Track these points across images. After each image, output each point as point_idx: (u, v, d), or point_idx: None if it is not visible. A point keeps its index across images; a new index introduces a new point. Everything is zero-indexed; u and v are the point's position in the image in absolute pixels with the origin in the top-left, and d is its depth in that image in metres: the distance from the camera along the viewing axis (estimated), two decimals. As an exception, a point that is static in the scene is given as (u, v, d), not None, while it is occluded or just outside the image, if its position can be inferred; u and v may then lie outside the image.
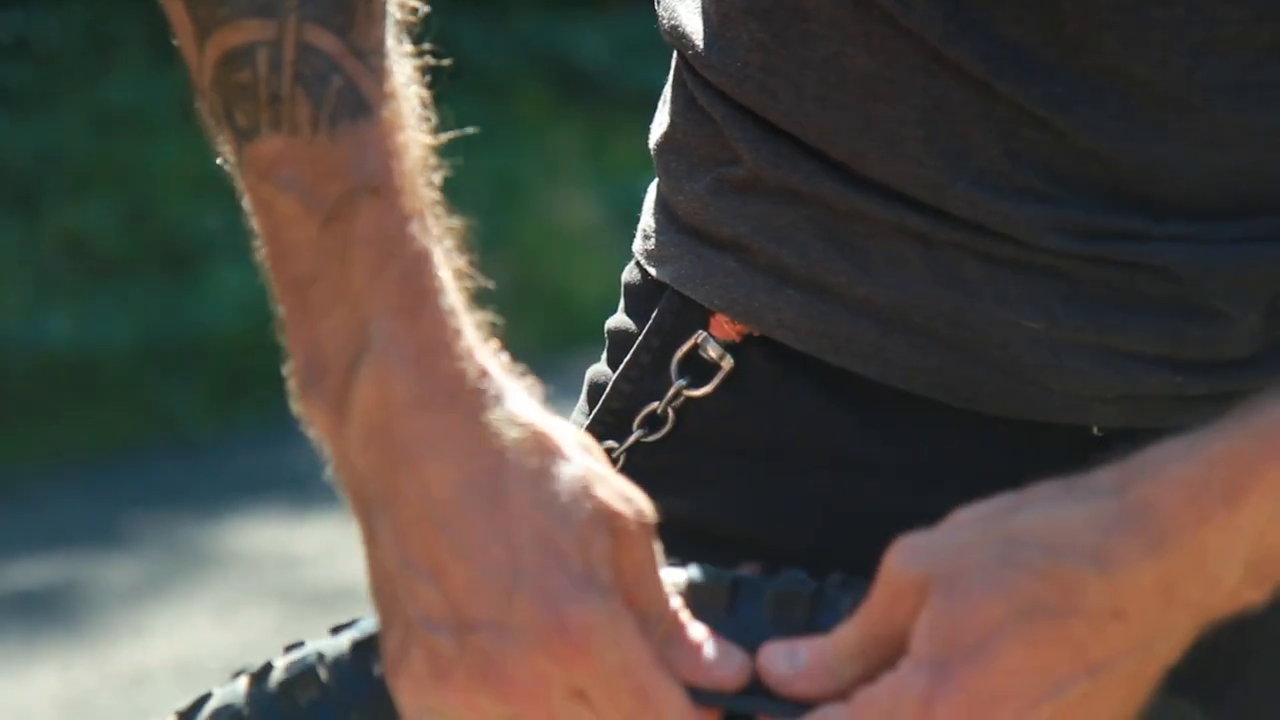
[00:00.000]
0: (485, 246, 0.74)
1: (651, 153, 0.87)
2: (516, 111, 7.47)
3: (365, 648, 0.73)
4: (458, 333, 0.69)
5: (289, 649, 0.75)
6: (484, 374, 0.69)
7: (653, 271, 0.86)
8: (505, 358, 0.71)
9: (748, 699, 0.70)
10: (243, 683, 0.74)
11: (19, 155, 6.64)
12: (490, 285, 0.74)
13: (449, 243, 0.71)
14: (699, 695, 0.69)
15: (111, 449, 5.13)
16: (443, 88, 0.75)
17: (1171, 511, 0.61)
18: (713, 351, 0.81)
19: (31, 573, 4.33)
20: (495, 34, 8.13)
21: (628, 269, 0.89)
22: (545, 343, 4.55)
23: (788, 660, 0.69)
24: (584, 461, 0.69)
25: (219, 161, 0.73)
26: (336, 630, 0.75)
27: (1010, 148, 0.77)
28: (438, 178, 0.72)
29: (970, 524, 0.63)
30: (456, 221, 0.72)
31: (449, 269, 0.70)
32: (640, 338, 0.86)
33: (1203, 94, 0.75)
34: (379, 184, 0.68)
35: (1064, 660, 0.60)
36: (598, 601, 0.66)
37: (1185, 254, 0.76)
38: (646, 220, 0.87)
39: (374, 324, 0.67)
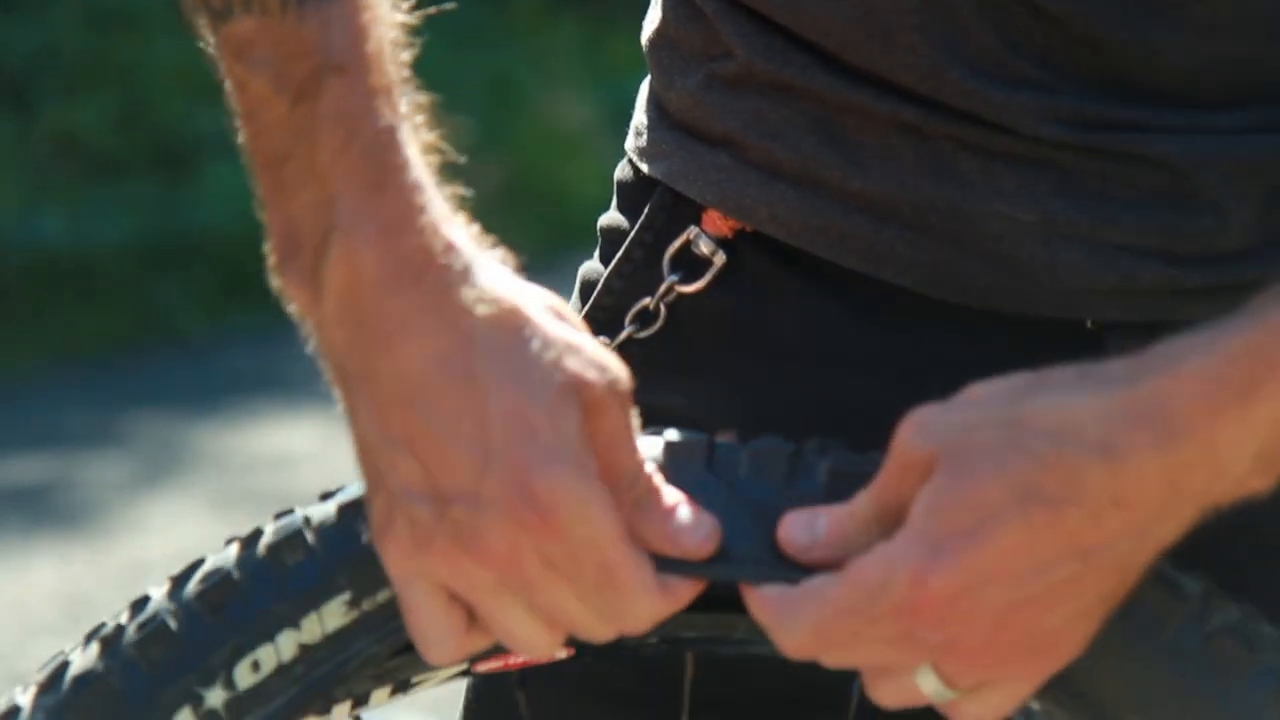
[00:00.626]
0: (480, 146, 0.84)
1: (644, 49, 0.86)
2: (512, 11, 7.56)
3: (351, 512, 0.74)
4: (422, 208, 0.69)
5: (278, 516, 0.75)
6: (451, 248, 0.69)
7: (645, 168, 0.85)
8: (475, 229, 0.71)
9: (715, 568, 0.70)
10: (234, 548, 0.75)
11: (13, 53, 6.64)
12: (485, 185, 0.72)
13: (418, 118, 0.70)
14: (666, 566, 0.69)
15: (107, 348, 5.22)
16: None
17: (1184, 405, 0.60)
18: (705, 247, 0.81)
19: (29, 470, 4.39)
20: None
21: (620, 166, 0.88)
22: (540, 242, 4.53)
23: (807, 530, 0.69)
24: (556, 333, 0.69)
25: (205, 49, 0.70)
26: (325, 497, 0.75)
27: (1006, 35, 0.76)
28: (408, 55, 0.71)
29: (982, 403, 0.63)
30: (449, 118, 0.71)
31: (416, 144, 0.70)
32: (632, 234, 0.85)
33: None
34: (344, 62, 0.68)
35: (1057, 545, 0.60)
36: (566, 475, 0.67)
37: (1181, 145, 0.76)
38: (639, 117, 0.87)
39: (340, 201, 0.68)
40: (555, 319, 0.70)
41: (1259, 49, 0.77)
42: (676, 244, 0.81)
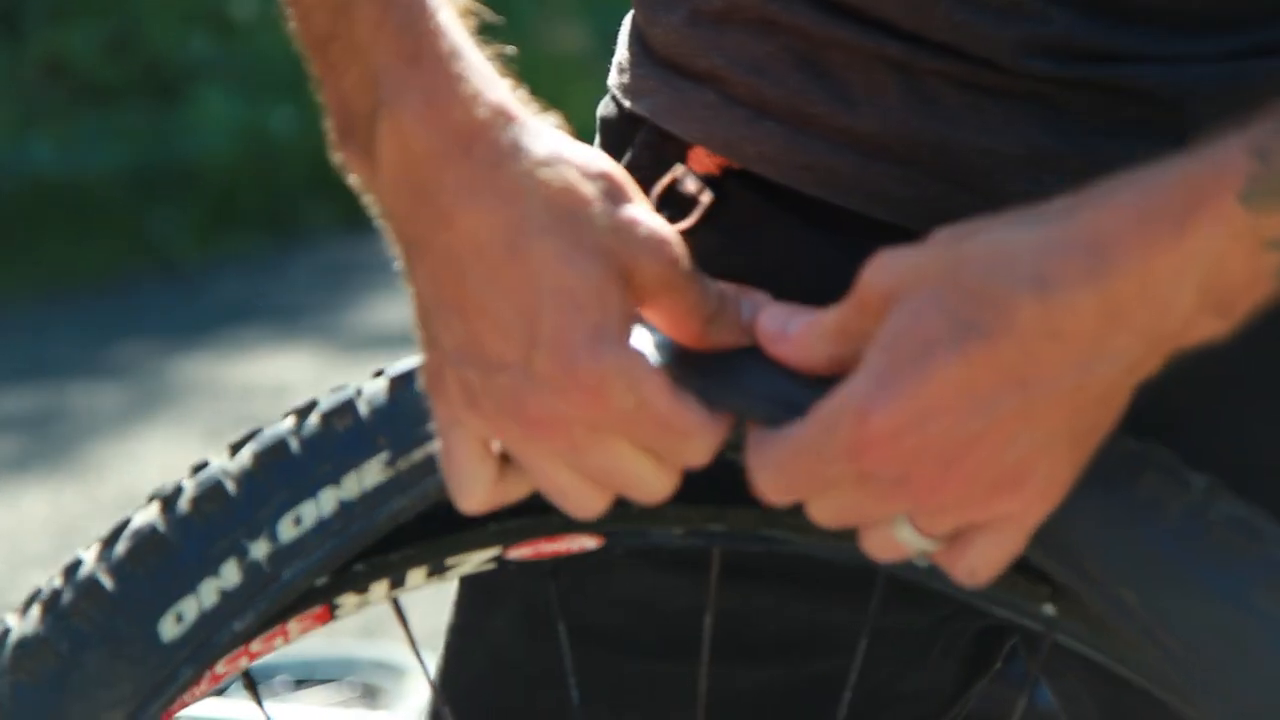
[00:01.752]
0: None
1: None
2: None
3: (398, 383, 0.78)
4: (462, 76, 0.70)
5: (334, 390, 0.80)
6: (498, 115, 0.70)
7: (629, 105, 0.86)
8: (520, 91, 0.72)
9: (756, 406, 0.73)
10: (290, 419, 0.79)
11: None
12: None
13: None
14: (713, 407, 0.72)
15: (98, 276, 5.20)
16: None
17: (1118, 236, 0.63)
18: (692, 185, 0.81)
19: (21, 400, 4.38)
20: None
21: (603, 103, 0.89)
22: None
23: (781, 322, 0.72)
24: (607, 210, 0.71)
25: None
26: (378, 374, 0.80)
27: None
28: None
29: (934, 244, 0.65)
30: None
31: (450, 11, 0.72)
32: (631, 159, 0.87)
33: None
34: None
35: (994, 378, 0.61)
36: (611, 353, 0.68)
37: (1169, 74, 0.76)
38: (621, 53, 0.88)
39: (382, 75, 0.70)
40: (608, 192, 0.71)
41: None
42: (664, 182, 0.81)
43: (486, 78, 0.71)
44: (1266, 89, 0.73)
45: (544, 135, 0.71)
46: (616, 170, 0.73)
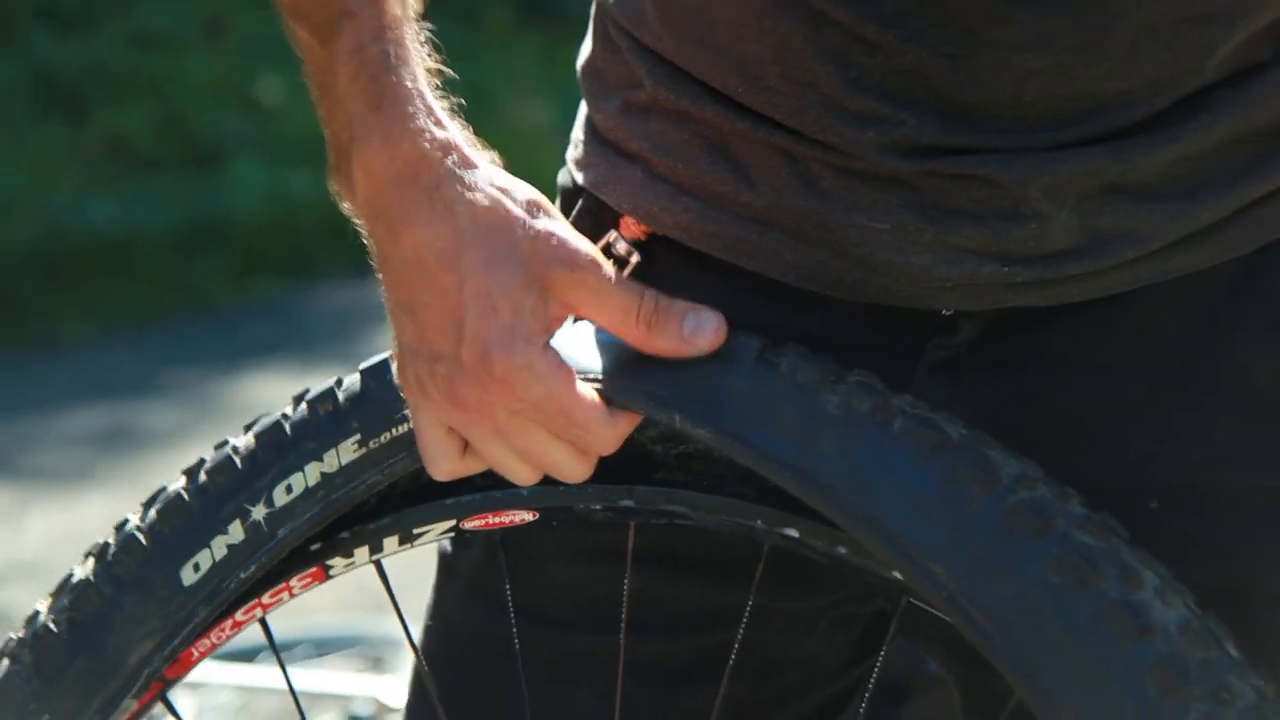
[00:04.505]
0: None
1: (578, 76, 0.88)
2: (485, 31, 7.48)
3: (369, 375, 0.78)
4: (412, 119, 0.71)
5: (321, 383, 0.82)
6: (444, 149, 0.71)
7: (577, 176, 0.86)
8: (470, 133, 0.74)
9: (666, 406, 0.72)
10: (287, 405, 0.81)
11: (68, 68, 6.57)
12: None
13: (420, 48, 0.74)
14: (613, 404, 0.72)
15: (150, 316, 5.12)
16: (425, 11, 0.77)
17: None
18: (622, 247, 0.81)
19: (85, 419, 4.33)
20: None
21: (561, 171, 0.89)
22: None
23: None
24: (530, 227, 0.71)
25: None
26: (373, 369, 0.81)
27: (848, 75, 0.76)
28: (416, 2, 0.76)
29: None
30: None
31: (414, 67, 0.73)
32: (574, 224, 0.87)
33: (1007, 2, 0.73)
34: (354, 8, 0.72)
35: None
36: (520, 350, 0.69)
37: (1005, 165, 0.75)
38: (576, 132, 0.88)
39: (354, 118, 0.72)
40: (532, 213, 0.72)
41: (1064, 66, 0.76)
42: (600, 244, 0.80)
43: (436, 120, 0.72)
44: (1091, 170, 0.76)
45: (480, 166, 0.72)
46: (540, 196, 0.74)
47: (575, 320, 0.76)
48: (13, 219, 5.46)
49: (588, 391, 0.73)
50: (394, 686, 2.13)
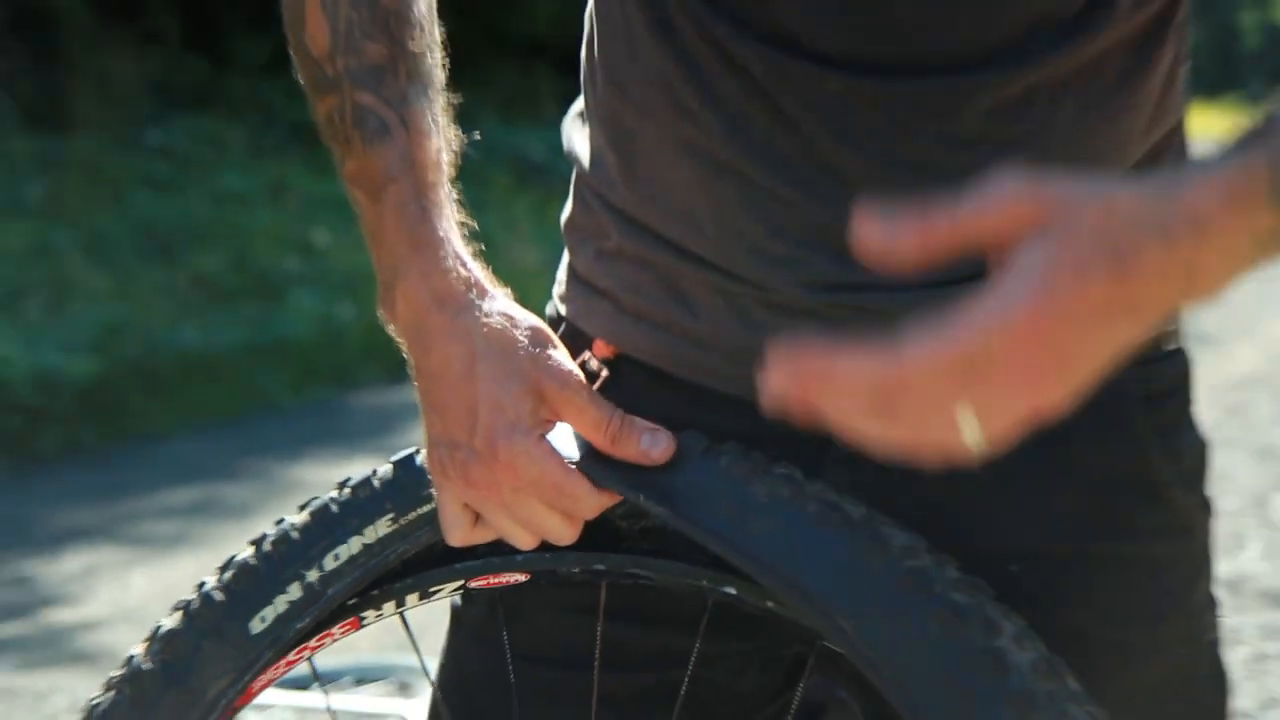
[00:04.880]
0: None
1: (561, 229, 0.86)
2: (491, 190, 7.51)
3: (399, 465, 0.77)
4: (444, 259, 0.70)
5: (361, 471, 0.80)
6: (465, 284, 0.70)
7: (561, 308, 0.84)
8: (487, 272, 0.72)
9: (619, 486, 0.71)
10: (334, 490, 0.78)
11: (164, 221, 6.65)
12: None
13: (451, 203, 0.73)
14: (599, 483, 0.70)
15: (227, 415, 5.23)
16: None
17: (1210, 213, 0.47)
18: (594, 364, 0.80)
19: (177, 498, 4.31)
20: (482, 137, 8.04)
21: (549, 303, 0.87)
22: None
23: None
24: (531, 349, 0.70)
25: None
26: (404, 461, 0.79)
27: (770, 227, 0.75)
28: (451, 159, 0.73)
29: (1078, 190, 0.49)
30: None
31: (446, 218, 0.72)
32: None
33: (882, 177, 0.73)
34: (397, 174, 0.70)
35: (1123, 301, 0.48)
36: (520, 440, 0.68)
37: (886, 299, 0.74)
38: (560, 273, 0.86)
39: (399, 258, 0.70)
40: (533, 338, 0.71)
41: None
42: (577, 361, 0.79)
43: (461, 261, 0.71)
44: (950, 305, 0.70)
45: (495, 298, 0.71)
46: (541, 324, 0.72)
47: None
48: (120, 341, 5.49)
49: (578, 473, 0.71)
50: (418, 708, 2.08)
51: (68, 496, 4.15)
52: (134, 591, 3.34)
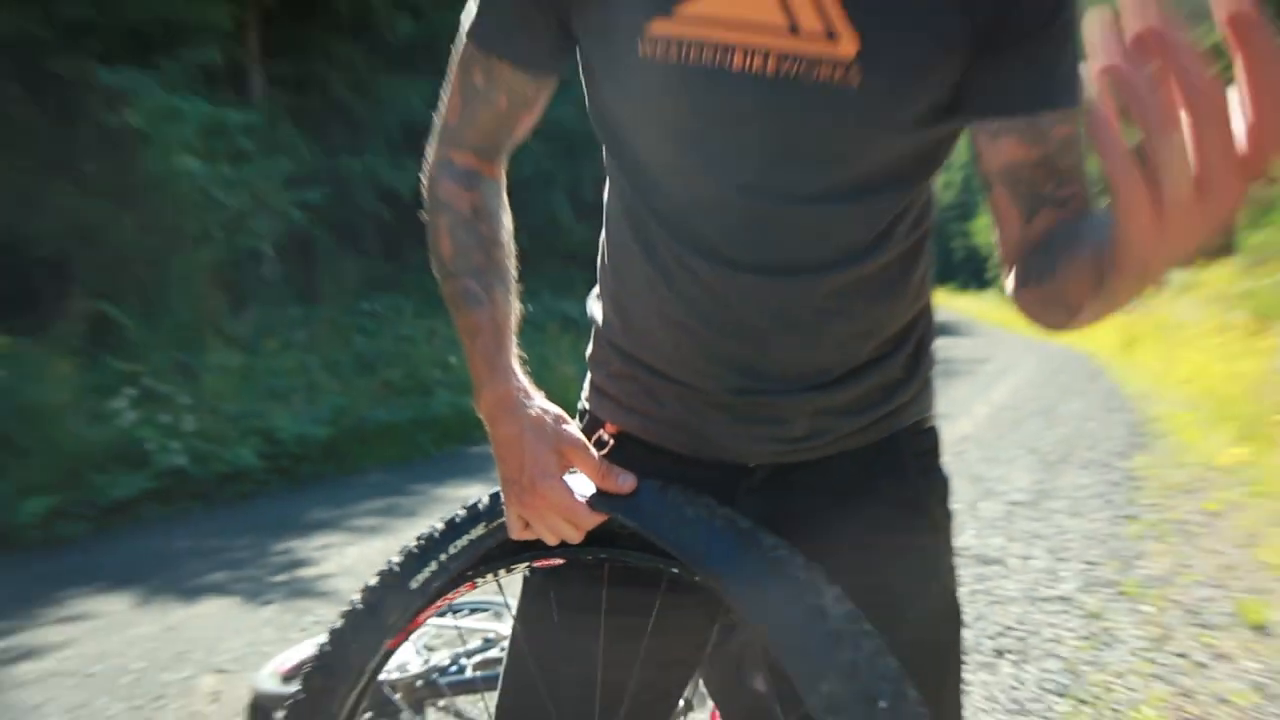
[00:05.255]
0: (537, 384, 0.78)
1: (586, 359, 0.86)
2: (544, 333, 7.89)
3: (491, 497, 0.80)
4: (508, 379, 0.73)
5: (469, 500, 0.80)
6: (520, 391, 0.73)
7: (585, 405, 0.86)
8: (531, 383, 0.73)
9: (607, 509, 0.73)
10: (459, 509, 0.81)
11: (368, 351, 6.77)
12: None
13: (514, 344, 0.74)
14: (594, 507, 0.73)
15: (401, 460, 5.63)
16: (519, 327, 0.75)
17: None
18: (605, 438, 0.81)
19: (374, 505, 4.44)
20: (541, 305, 8.52)
21: (580, 401, 0.88)
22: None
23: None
24: (557, 428, 0.73)
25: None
26: (495, 494, 0.79)
27: (706, 357, 0.77)
28: (518, 320, 0.75)
29: None
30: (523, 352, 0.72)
31: (508, 354, 0.74)
32: (584, 428, 0.86)
33: (771, 329, 0.74)
34: (484, 327, 0.74)
35: None
36: (548, 481, 0.72)
37: (777, 397, 0.77)
38: (585, 386, 0.87)
39: (479, 375, 0.74)
40: (557, 420, 0.74)
41: (804, 356, 0.77)
42: (593, 438, 0.81)
43: (517, 378, 0.74)
44: (815, 401, 0.78)
45: (535, 398, 0.74)
46: (562, 413, 0.74)
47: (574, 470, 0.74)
48: (344, 417, 5.65)
49: (581, 501, 0.72)
50: (506, 627, 2.07)
51: (316, 504, 4.55)
52: (349, 560, 3.50)
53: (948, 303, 27.86)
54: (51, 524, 4.09)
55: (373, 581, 0.85)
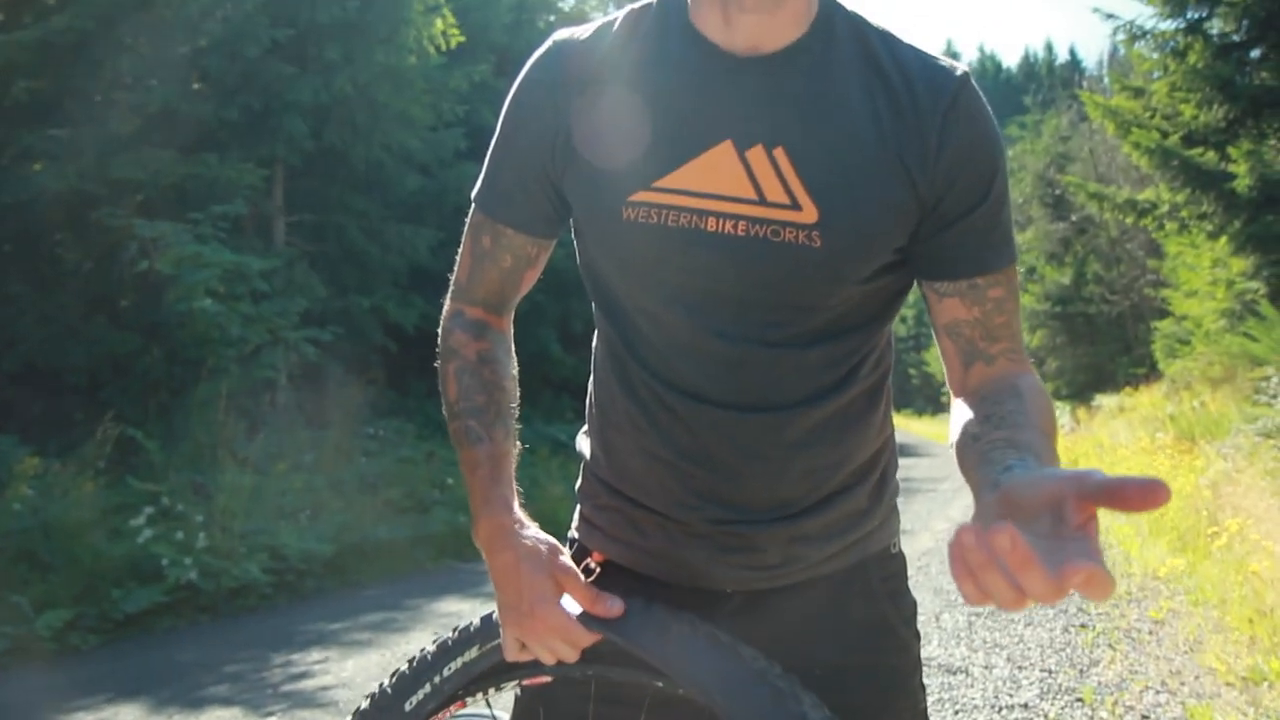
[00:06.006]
0: (529, 502, 0.79)
1: (575, 491, 0.87)
2: (537, 456, 8.01)
3: (484, 620, 0.79)
4: (503, 510, 0.73)
5: (462, 624, 0.78)
6: (515, 521, 0.73)
7: (575, 535, 0.86)
8: (524, 513, 0.73)
9: (600, 630, 0.72)
10: (451, 630, 0.79)
11: (370, 471, 6.71)
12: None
13: (511, 479, 0.74)
14: (587, 627, 0.72)
15: (399, 575, 5.55)
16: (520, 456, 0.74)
17: None
18: (593, 565, 0.81)
19: (371, 620, 4.43)
20: (533, 430, 8.64)
21: (570, 530, 0.87)
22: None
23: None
24: (550, 558, 0.73)
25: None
26: (485, 617, 0.78)
27: (686, 490, 0.78)
28: (516, 456, 0.74)
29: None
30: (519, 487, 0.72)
31: (505, 486, 0.74)
32: (574, 555, 0.86)
33: (746, 463, 0.74)
34: (483, 463, 0.74)
35: None
36: (545, 605, 0.72)
37: (750, 528, 0.77)
38: (574, 515, 0.87)
39: (477, 505, 0.74)
40: (551, 549, 0.74)
41: (773, 488, 0.78)
42: (581, 566, 0.80)
43: (511, 509, 0.73)
44: (786, 531, 0.79)
45: (528, 528, 0.74)
46: (556, 543, 0.75)
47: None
48: (346, 534, 5.55)
49: (576, 622, 0.72)
50: None
51: (317, 617, 4.49)
52: (348, 672, 3.45)
53: (905, 426, 27.65)
54: (66, 636, 4.04)
55: (363, 706, 0.84)
